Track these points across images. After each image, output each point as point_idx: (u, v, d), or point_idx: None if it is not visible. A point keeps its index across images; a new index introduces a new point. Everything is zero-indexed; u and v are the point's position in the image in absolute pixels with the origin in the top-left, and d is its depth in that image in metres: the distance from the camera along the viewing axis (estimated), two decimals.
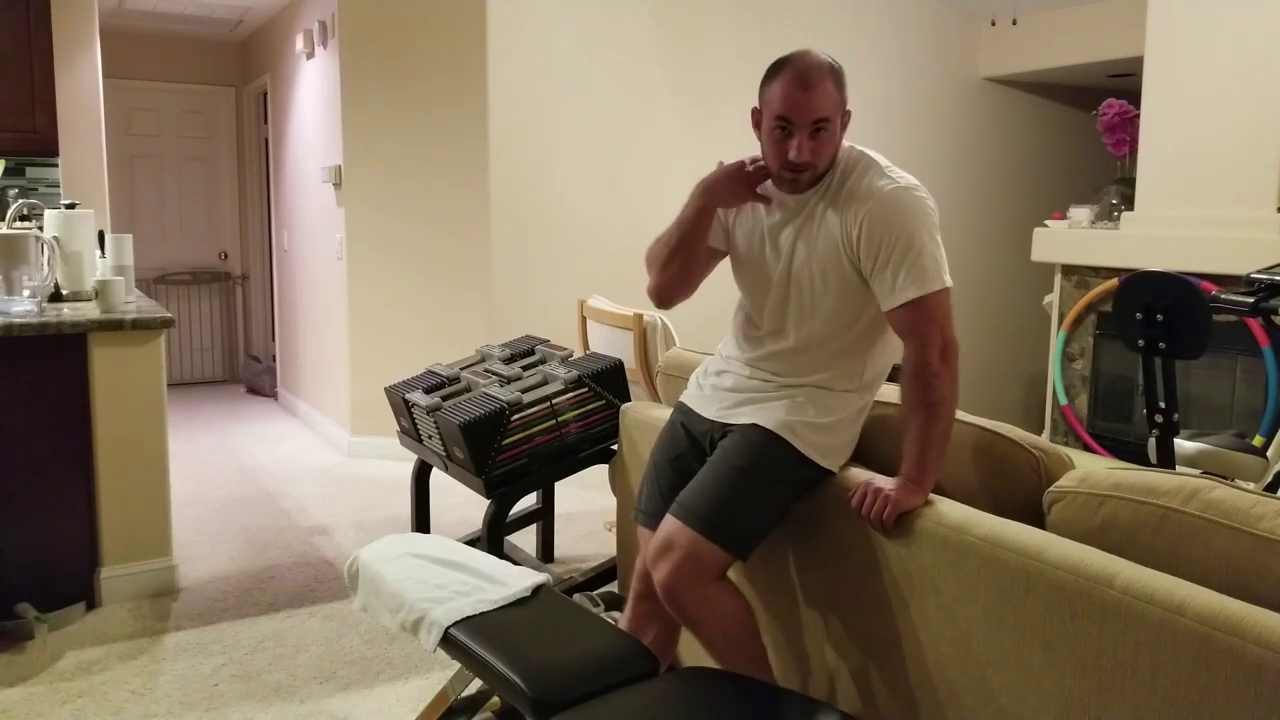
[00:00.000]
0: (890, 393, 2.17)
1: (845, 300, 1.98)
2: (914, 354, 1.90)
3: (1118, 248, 4.83)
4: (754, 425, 2.01)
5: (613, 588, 3.06)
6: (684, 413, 2.21)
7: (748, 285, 2.13)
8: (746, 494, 1.97)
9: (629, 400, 3.07)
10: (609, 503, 3.42)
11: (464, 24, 4.89)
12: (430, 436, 3.12)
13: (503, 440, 2.88)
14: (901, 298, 1.89)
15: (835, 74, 1.93)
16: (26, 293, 3.30)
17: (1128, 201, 4.97)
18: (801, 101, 1.89)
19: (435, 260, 5.08)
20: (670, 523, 1.99)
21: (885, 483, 1.88)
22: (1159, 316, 2.92)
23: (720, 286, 2.33)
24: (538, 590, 2.13)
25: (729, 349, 2.19)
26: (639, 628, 2.20)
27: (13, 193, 4.75)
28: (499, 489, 2.91)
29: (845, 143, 2.00)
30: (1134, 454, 4.65)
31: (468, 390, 3.16)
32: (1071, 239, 5.11)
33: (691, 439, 2.16)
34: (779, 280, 2.04)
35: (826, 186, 1.98)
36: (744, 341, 2.15)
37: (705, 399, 2.17)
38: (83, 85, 4.87)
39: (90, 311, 3.26)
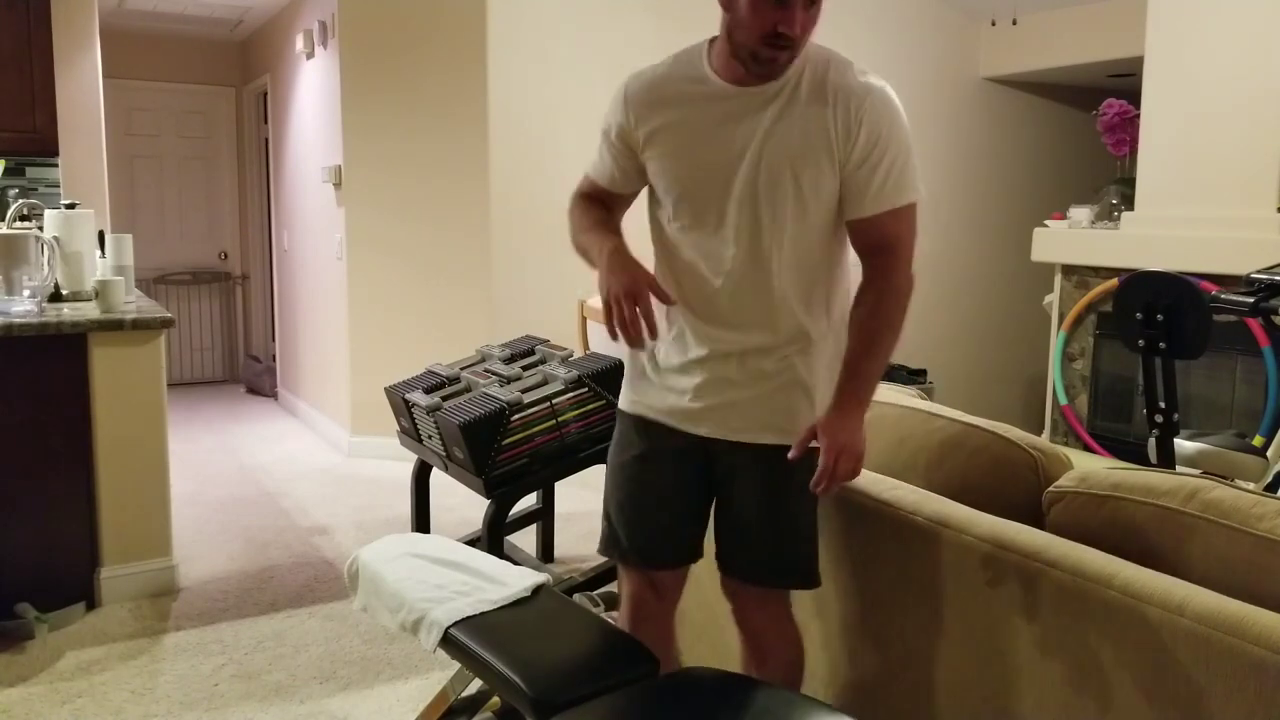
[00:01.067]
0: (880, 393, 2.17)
1: (818, 210, 1.75)
2: (883, 269, 1.74)
3: (1118, 248, 4.82)
4: (777, 449, 1.78)
5: (613, 588, 3.06)
6: (645, 432, 1.90)
7: (691, 211, 1.79)
8: (803, 528, 1.86)
9: None
10: None
11: (464, 24, 4.89)
12: (430, 436, 3.12)
13: (503, 440, 2.88)
14: (886, 204, 1.71)
15: None
16: (26, 293, 3.30)
17: (1128, 201, 4.97)
18: None
19: (435, 260, 5.08)
20: (743, 587, 1.89)
21: (833, 443, 1.72)
22: (1159, 316, 2.93)
23: None
24: (538, 590, 2.13)
25: (676, 314, 1.84)
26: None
27: (13, 193, 4.75)
28: (499, 489, 2.91)
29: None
30: (1134, 454, 4.65)
31: (468, 390, 3.16)
32: (1071, 239, 5.11)
33: (666, 457, 1.88)
34: (741, 193, 1.74)
35: (797, 79, 1.72)
36: (693, 295, 1.82)
37: (682, 412, 1.85)
38: (83, 85, 4.87)
39: (90, 311, 3.26)
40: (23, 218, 3.86)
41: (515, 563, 2.48)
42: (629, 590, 2.01)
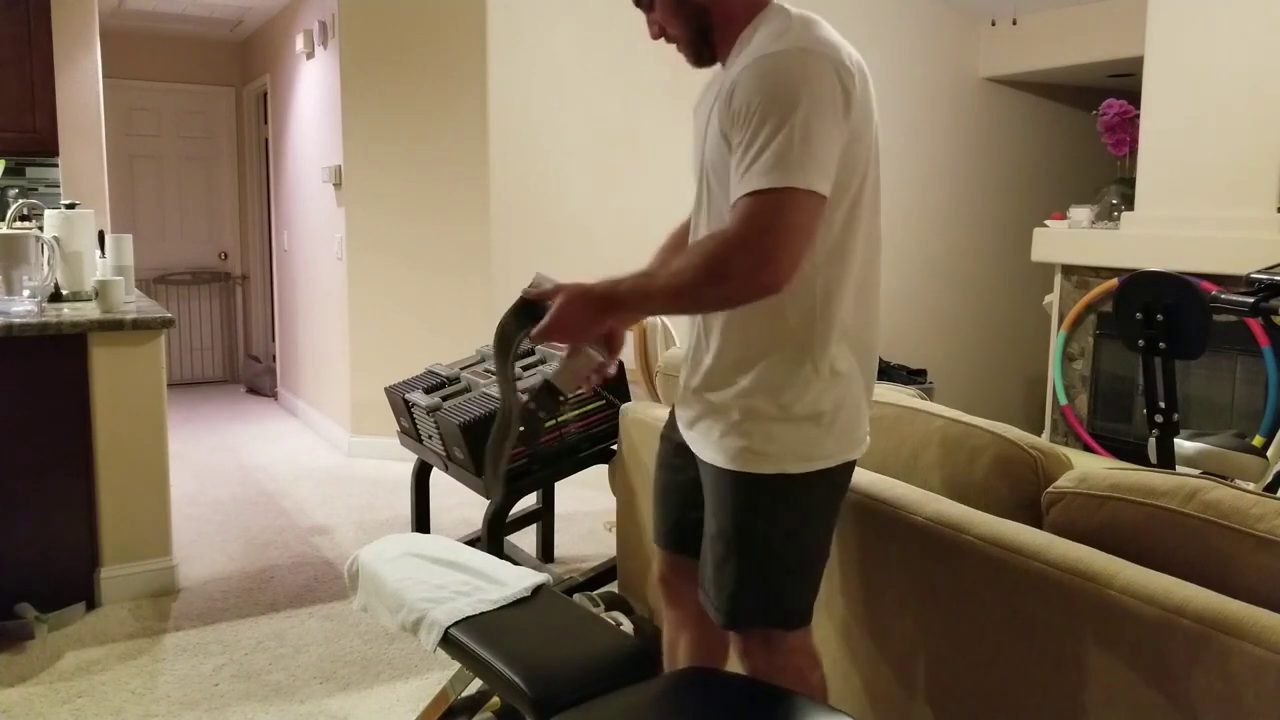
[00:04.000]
0: (874, 392, 2.17)
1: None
2: (724, 241, 1.49)
3: (1118, 248, 4.82)
4: (714, 469, 1.67)
5: (613, 588, 3.06)
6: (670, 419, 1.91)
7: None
8: (761, 564, 1.65)
9: (629, 400, 3.07)
10: (609, 503, 3.42)
11: (464, 24, 4.89)
12: (430, 436, 3.12)
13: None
14: (741, 188, 1.47)
15: None
16: (26, 293, 3.30)
17: (1128, 201, 4.96)
18: None
19: (435, 260, 5.08)
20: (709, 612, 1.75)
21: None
22: (1159, 316, 2.93)
23: None
24: (538, 590, 2.13)
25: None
26: (672, 636, 2.01)
27: (13, 193, 4.75)
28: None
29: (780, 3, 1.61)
30: (1134, 454, 4.65)
31: (468, 390, 3.16)
32: (1071, 239, 5.11)
33: (673, 447, 1.87)
34: (699, 173, 1.69)
35: (738, 49, 1.61)
36: None
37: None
38: (83, 85, 4.87)
39: (90, 311, 3.26)
40: (23, 218, 3.87)
41: (515, 563, 2.48)
42: (657, 571, 1.95)
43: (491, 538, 2.91)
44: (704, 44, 1.65)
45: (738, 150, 1.49)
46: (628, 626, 2.69)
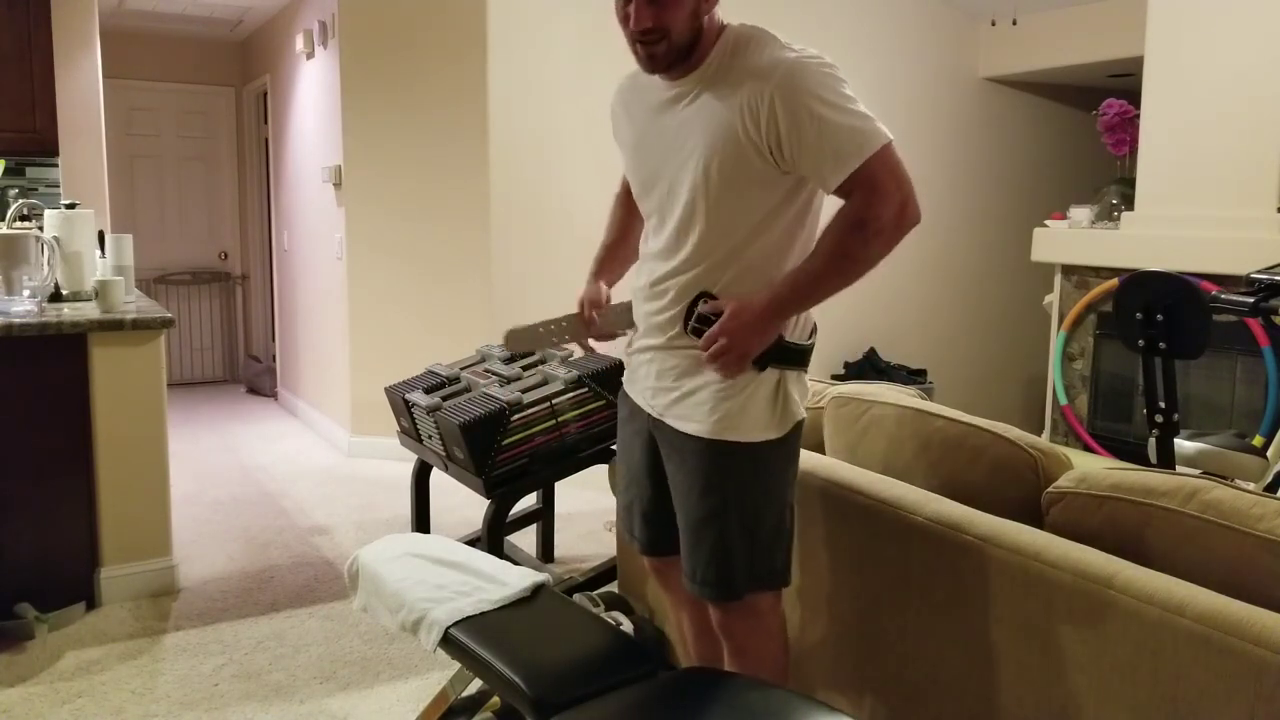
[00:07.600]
0: (874, 392, 2.17)
1: (742, 196, 1.72)
2: (858, 202, 1.65)
3: (1118, 248, 4.82)
4: (693, 438, 1.79)
5: (613, 588, 3.07)
6: (629, 405, 2.00)
7: (641, 191, 1.90)
8: (743, 531, 1.80)
9: None
10: (609, 503, 3.42)
11: (464, 24, 4.89)
12: (430, 436, 3.12)
13: (503, 440, 2.88)
14: (841, 175, 1.64)
15: None
16: (26, 293, 3.30)
17: (1128, 201, 4.96)
18: None
19: (435, 260, 5.08)
20: (697, 596, 1.88)
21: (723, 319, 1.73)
22: (1159, 316, 2.93)
23: None
24: (538, 590, 2.13)
25: (637, 280, 1.95)
26: (676, 616, 2.20)
27: (13, 193, 4.75)
28: (499, 489, 2.91)
29: (735, 21, 1.77)
30: (1134, 454, 4.65)
31: (468, 390, 3.16)
32: (1071, 239, 5.11)
33: (647, 436, 1.95)
34: (672, 179, 1.78)
35: (717, 65, 1.73)
36: (643, 266, 1.92)
37: (634, 379, 1.97)
38: (83, 85, 4.87)
39: (90, 311, 3.26)
40: (23, 218, 3.86)
41: (515, 563, 2.48)
42: (653, 584, 2.16)
43: (491, 538, 2.91)
44: (688, 51, 1.74)
45: (818, 145, 1.65)
46: (628, 626, 2.69)
